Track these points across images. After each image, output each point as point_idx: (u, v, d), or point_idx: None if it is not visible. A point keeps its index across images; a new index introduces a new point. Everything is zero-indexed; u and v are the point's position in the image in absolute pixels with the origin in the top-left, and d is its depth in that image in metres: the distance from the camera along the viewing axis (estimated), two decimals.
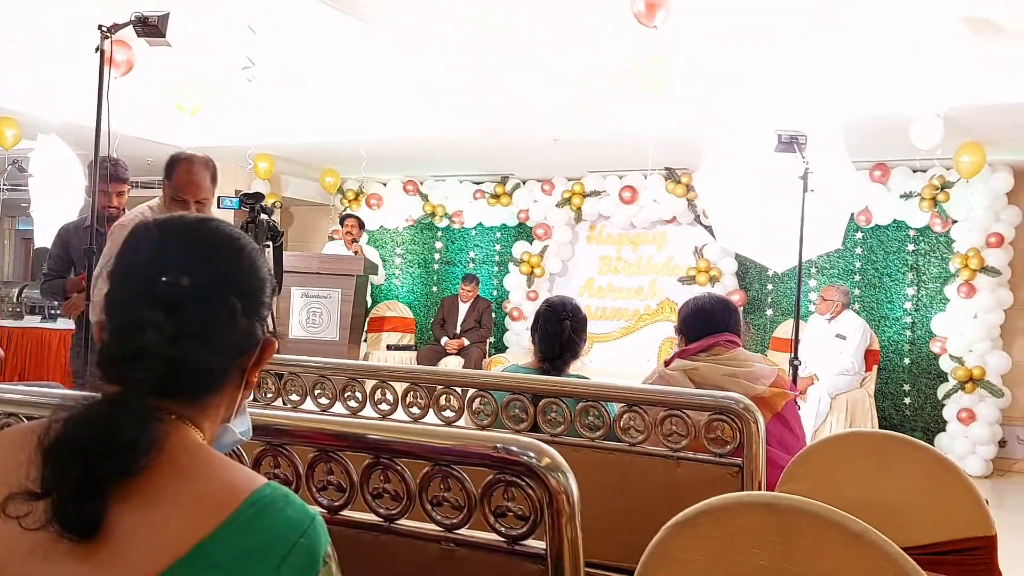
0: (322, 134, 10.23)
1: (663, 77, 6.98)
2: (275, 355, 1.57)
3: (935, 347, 9.66)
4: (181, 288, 1.36)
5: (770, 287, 10.81)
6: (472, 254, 12.79)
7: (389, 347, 12.23)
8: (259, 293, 1.47)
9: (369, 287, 11.91)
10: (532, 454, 1.76)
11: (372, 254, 11.81)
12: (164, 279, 1.35)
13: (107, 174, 5.48)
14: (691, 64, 7.76)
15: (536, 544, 1.82)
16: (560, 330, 3.87)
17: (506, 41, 7.28)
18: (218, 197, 7.05)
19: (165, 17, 5.07)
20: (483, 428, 3.44)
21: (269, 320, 1.50)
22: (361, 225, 11.47)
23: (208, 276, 1.40)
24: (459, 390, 3.58)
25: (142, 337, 1.32)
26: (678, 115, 8.11)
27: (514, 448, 1.77)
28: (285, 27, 6.22)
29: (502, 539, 1.85)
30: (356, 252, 11.07)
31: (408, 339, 12.55)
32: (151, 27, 5.05)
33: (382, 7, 6.10)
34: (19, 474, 1.25)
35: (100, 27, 5.14)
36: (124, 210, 5.41)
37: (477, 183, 12.46)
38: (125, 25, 5.10)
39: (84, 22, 5.54)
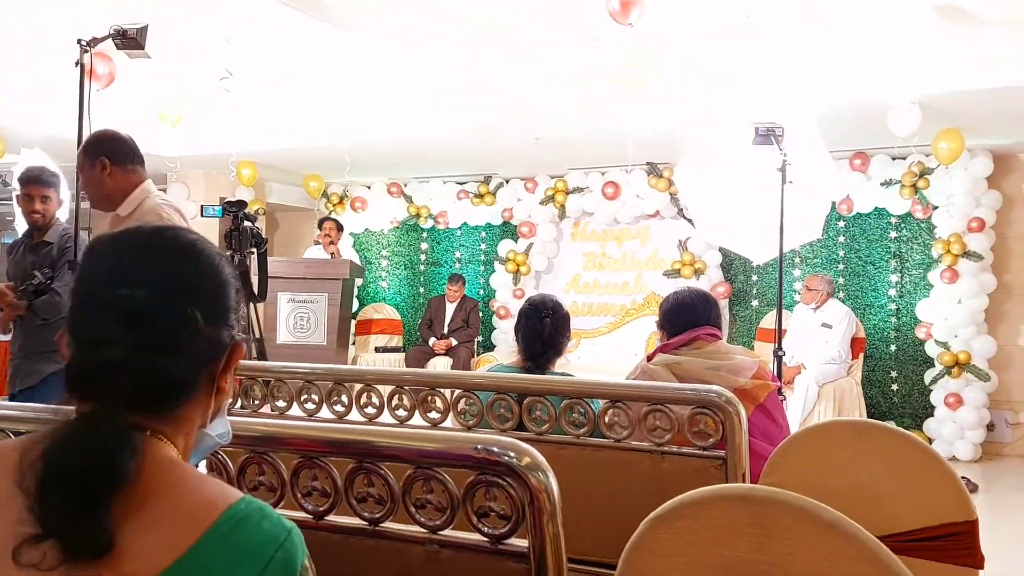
0: (305, 139, 10.23)
1: (642, 74, 7.00)
2: (262, 362, 1.57)
3: (920, 333, 9.70)
4: (138, 300, 1.35)
5: (755, 278, 10.84)
6: (458, 254, 12.81)
7: (377, 349, 12.24)
8: (221, 298, 1.46)
9: (355, 290, 11.92)
10: (512, 454, 1.77)
11: (351, 257, 11.82)
12: (120, 292, 1.35)
13: (32, 178, 5.40)
14: (669, 60, 7.79)
15: (519, 543, 1.83)
16: (541, 328, 3.88)
17: (486, 42, 7.28)
18: (201, 206, 7.07)
19: (144, 29, 5.06)
20: (469, 428, 3.45)
21: (237, 324, 1.50)
22: (339, 228, 11.47)
23: (164, 286, 1.39)
24: (445, 391, 3.60)
25: (105, 353, 1.32)
26: (658, 110, 8.13)
27: (494, 448, 1.78)
28: (264, 34, 6.23)
29: (485, 539, 1.86)
30: (333, 254, 11.08)
31: (396, 341, 12.57)
32: (130, 40, 5.05)
33: (359, 12, 6.12)
34: (8, 511, 1.24)
35: (79, 41, 5.13)
36: (51, 218, 5.34)
37: (460, 183, 12.48)
38: (104, 39, 5.10)
39: (66, 35, 5.54)
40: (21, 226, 8.67)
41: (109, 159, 4.39)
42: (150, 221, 4.13)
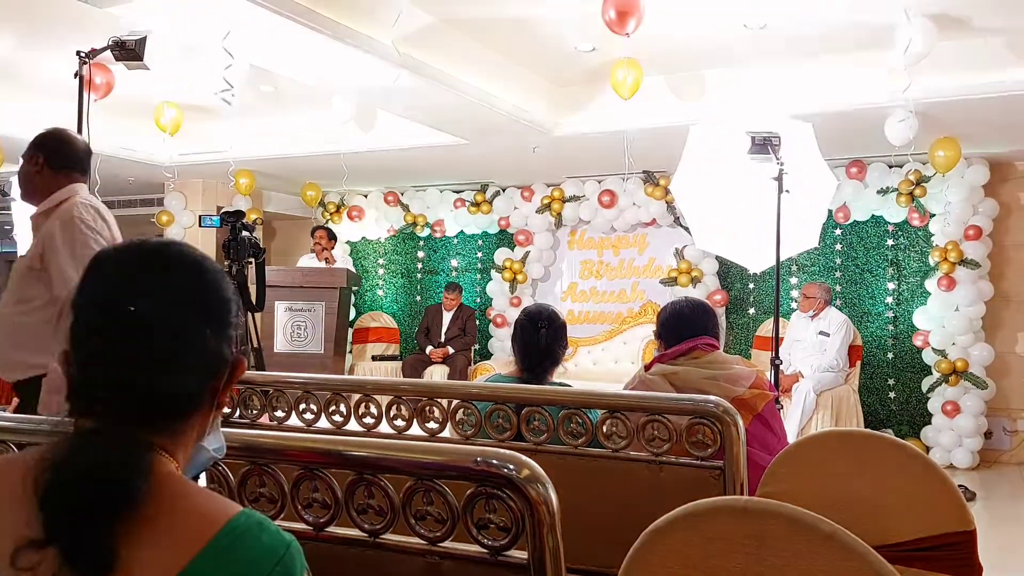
0: (302, 148, 10.25)
1: (637, 80, 7.02)
2: (261, 372, 1.55)
3: (918, 341, 9.70)
4: (147, 315, 1.34)
5: (752, 286, 10.85)
6: (454, 262, 12.82)
7: (374, 358, 12.24)
8: (225, 314, 1.45)
9: (352, 298, 11.92)
10: (512, 466, 1.78)
11: (345, 265, 11.79)
12: (131, 307, 1.33)
13: None
14: (665, 67, 7.82)
15: (518, 554, 1.84)
16: (537, 339, 3.88)
17: (482, 49, 7.31)
18: (200, 216, 7.07)
19: (143, 41, 5.06)
20: (467, 438, 3.46)
21: (236, 340, 1.49)
22: (331, 236, 11.45)
23: (174, 301, 1.38)
24: (443, 401, 3.60)
25: (115, 368, 1.32)
26: (654, 118, 8.15)
27: (494, 461, 1.79)
28: (262, 43, 6.25)
29: (485, 551, 1.87)
30: (327, 260, 11.07)
31: (393, 349, 12.58)
32: (129, 51, 5.04)
33: (357, 23, 6.13)
34: (14, 517, 1.25)
35: (78, 52, 5.14)
36: None
37: (457, 192, 12.49)
38: (103, 50, 5.11)
39: (65, 45, 5.56)
40: (21, 235, 8.69)
41: (45, 158, 4.24)
42: (63, 220, 4.05)
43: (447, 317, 11.82)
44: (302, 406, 3.86)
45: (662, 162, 9.87)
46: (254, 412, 3.96)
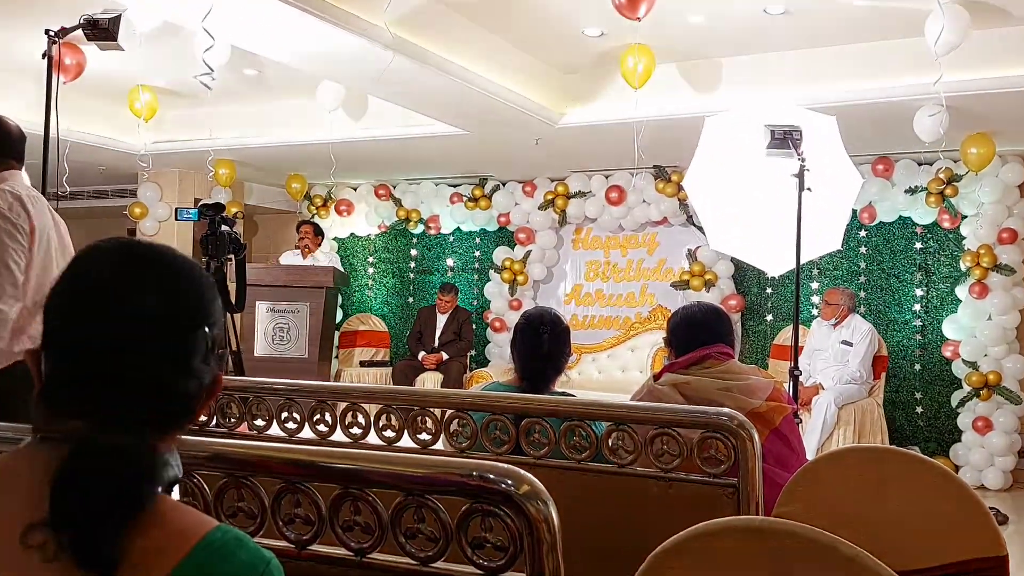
0: (287, 137, 10.25)
1: (648, 68, 7.03)
2: (240, 378, 1.55)
3: (947, 352, 9.67)
4: (159, 314, 1.36)
5: (769, 291, 10.83)
6: (450, 262, 12.81)
7: (362, 363, 12.22)
8: (217, 324, 1.46)
9: (339, 299, 11.90)
10: (510, 482, 1.77)
11: (333, 263, 11.76)
12: (137, 305, 1.35)
13: None
14: (679, 54, 7.81)
15: None
16: (538, 344, 3.87)
17: (482, 32, 7.31)
18: (176, 209, 7.07)
19: (117, 19, 5.05)
20: (461, 451, 3.45)
21: (216, 350, 1.49)
22: (317, 232, 11.43)
23: (179, 304, 1.40)
24: (436, 411, 3.59)
25: (130, 365, 1.33)
26: (666, 109, 8.15)
27: (491, 476, 1.78)
28: (245, 22, 6.25)
29: (480, 571, 1.86)
30: (307, 248, 11.06)
31: (382, 354, 12.55)
32: (102, 30, 5.04)
33: (345, 1, 6.14)
34: (22, 505, 1.25)
35: (48, 31, 5.13)
36: None
37: (454, 185, 12.46)
38: (74, 29, 5.10)
39: (33, 23, 5.55)
40: None
41: None
42: None
43: (441, 320, 11.80)
44: (284, 415, 3.84)
45: (674, 156, 9.87)
46: (232, 420, 3.95)
